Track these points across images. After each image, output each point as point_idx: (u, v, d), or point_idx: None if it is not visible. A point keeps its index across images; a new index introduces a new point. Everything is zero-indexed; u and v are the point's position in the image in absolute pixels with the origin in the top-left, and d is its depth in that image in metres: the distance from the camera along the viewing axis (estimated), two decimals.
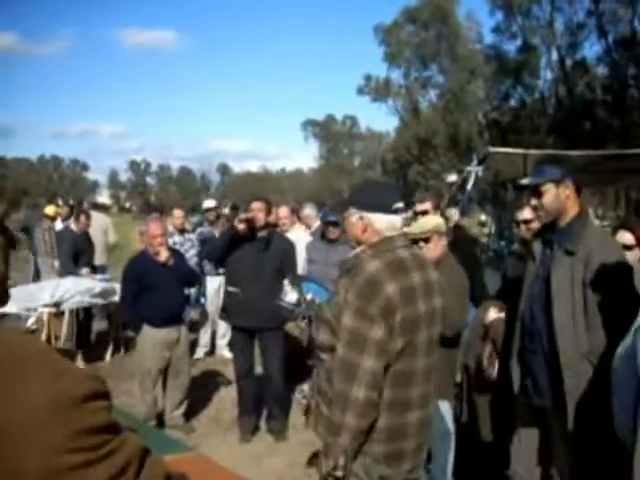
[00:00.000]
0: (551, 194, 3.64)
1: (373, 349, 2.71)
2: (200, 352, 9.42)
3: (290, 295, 6.28)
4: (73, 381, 1.04)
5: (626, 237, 4.55)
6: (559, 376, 3.52)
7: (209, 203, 10.28)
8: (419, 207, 5.81)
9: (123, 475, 1.06)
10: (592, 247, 3.50)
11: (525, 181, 3.78)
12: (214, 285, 9.10)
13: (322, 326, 2.95)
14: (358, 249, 2.99)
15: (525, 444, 3.96)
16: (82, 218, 9.87)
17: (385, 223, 2.98)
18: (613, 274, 3.40)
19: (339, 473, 2.76)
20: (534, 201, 3.70)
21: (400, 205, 3.06)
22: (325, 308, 2.97)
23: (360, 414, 2.73)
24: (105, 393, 1.09)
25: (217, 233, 9.40)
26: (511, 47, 36.67)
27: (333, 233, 6.82)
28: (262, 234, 6.30)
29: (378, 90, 46.90)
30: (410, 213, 6.57)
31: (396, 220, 3.02)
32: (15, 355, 1.05)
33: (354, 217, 3.02)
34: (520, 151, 10.81)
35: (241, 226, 6.11)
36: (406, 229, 3.42)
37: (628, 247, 4.42)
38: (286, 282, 6.27)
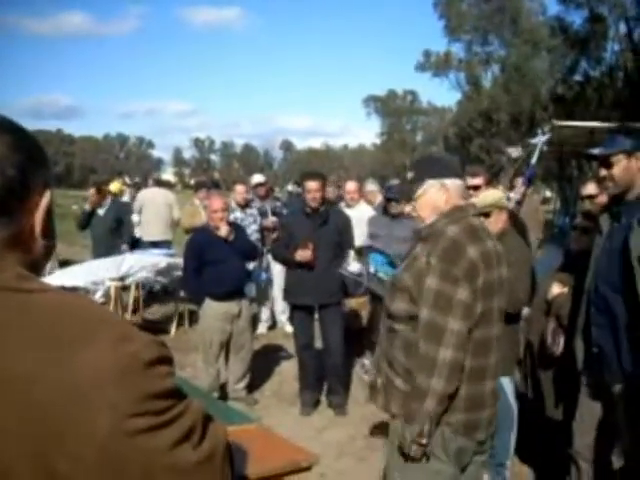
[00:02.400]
0: (622, 165, 3.54)
1: (459, 310, 2.72)
2: (262, 327, 9.52)
3: (353, 265, 6.31)
4: (139, 345, 1.06)
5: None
6: (628, 350, 3.46)
7: (258, 178, 10.24)
8: (470, 182, 5.71)
9: (188, 440, 1.08)
10: None
11: (595, 151, 3.67)
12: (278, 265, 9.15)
13: (398, 295, 2.93)
14: (432, 219, 2.95)
15: (588, 422, 3.90)
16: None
17: (458, 192, 2.99)
18: None
19: (424, 440, 2.75)
20: (603, 172, 3.60)
21: (468, 176, 3.05)
22: (404, 275, 2.93)
23: (448, 377, 2.72)
24: (169, 359, 1.11)
25: (268, 208, 9.47)
26: (577, 18, 35.72)
27: (395, 208, 6.79)
28: (320, 210, 6.34)
29: (438, 65, 46.29)
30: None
31: (466, 189, 3.01)
32: (83, 317, 1.07)
33: (434, 188, 2.98)
34: (587, 124, 10.56)
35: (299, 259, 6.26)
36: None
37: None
38: (352, 252, 6.31)
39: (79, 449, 1.00)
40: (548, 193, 17.13)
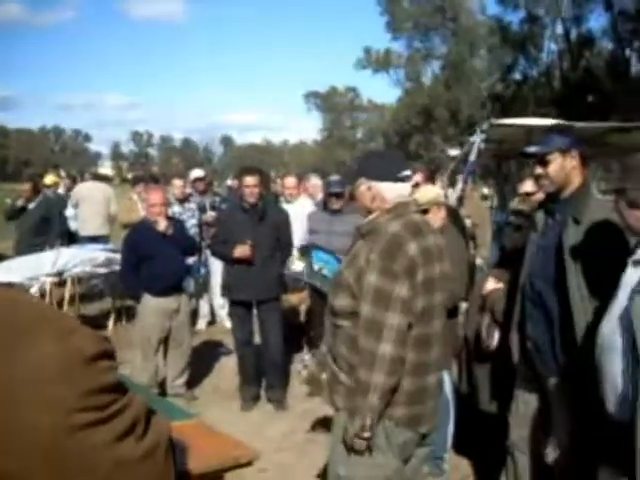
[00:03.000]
0: (557, 163, 3.61)
1: (398, 306, 2.75)
2: (201, 323, 9.48)
3: (297, 265, 6.33)
4: (83, 340, 1.05)
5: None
6: (562, 343, 3.54)
7: (197, 173, 10.14)
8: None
9: (131, 434, 1.07)
10: (596, 216, 3.49)
11: (532, 149, 3.73)
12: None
13: (340, 291, 2.96)
14: (373, 215, 3.02)
15: (523, 414, 3.98)
16: None
17: (392, 192, 3.01)
18: (616, 243, 3.40)
19: (367, 434, 2.77)
20: (539, 170, 3.67)
21: (408, 173, 3.07)
22: (346, 272, 2.96)
23: (388, 371, 2.75)
24: (112, 353, 1.10)
25: (207, 203, 9.42)
26: (515, 18, 36.36)
27: (336, 204, 6.81)
28: (257, 206, 6.34)
29: (379, 61, 46.55)
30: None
31: (404, 188, 3.05)
32: (25, 314, 1.05)
33: (363, 187, 3.06)
34: (524, 122, 10.71)
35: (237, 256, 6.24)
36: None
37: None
38: (295, 251, 6.32)
39: (25, 446, 0.98)
40: (486, 190, 17.39)
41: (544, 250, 3.71)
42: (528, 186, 4.92)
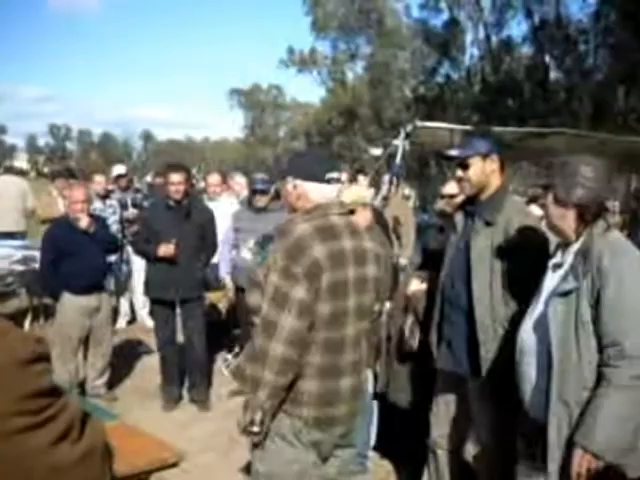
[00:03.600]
0: (477, 167, 3.71)
1: (294, 307, 2.75)
2: (122, 321, 9.33)
3: (245, 252, 6.29)
4: (17, 342, 1.01)
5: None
6: (476, 344, 3.64)
7: (119, 169, 10.01)
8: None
9: (67, 438, 1.05)
10: (511, 219, 3.61)
11: (453, 152, 3.83)
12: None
13: (254, 289, 2.99)
14: (293, 215, 3.03)
15: (443, 412, 4.08)
16: None
17: (317, 192, 3.02)
18: (530, 245, 3.51)
19: (255, 428, 2.80)
20: (460, 173, 3.75)
21: (334, 175, 3.07)
22: (258, 271, 2.98)
23: (278, 371, 2.76)
24: (46, 355, 1.07)
25: (129, 200, 9.29)
26: (438, 22, 36.96)
27: (260, 201, 6.80)
28: (183, 203, 6.28)
29: (304, 61, 46.60)
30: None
31: (329, 189, 3.05)
32: None
33: (289, 185, 3.08)
34: (447, 125, 10.92)
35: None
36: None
37: None
38: (251, 243, 6.26)
39: None
40: (407, 191, 17.58)
41: (461, 251, 3.79)
42: (451, 188, 4.99)
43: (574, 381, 2.76)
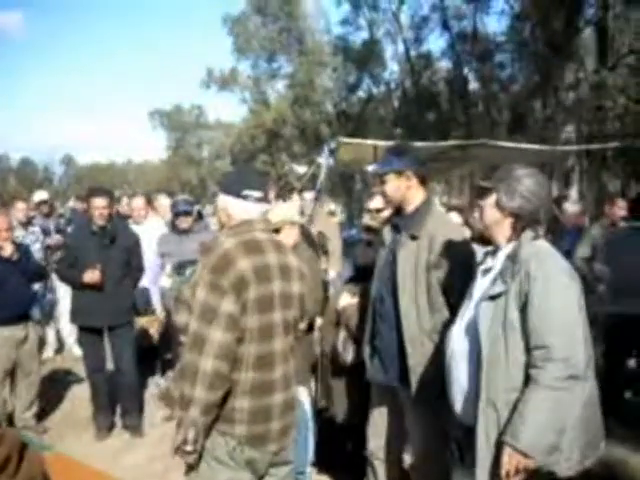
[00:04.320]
0: (392, 184, 3.84)
1: (222, 321, 2.75)
2: (49, 351, 9.11)
3: (164, 280, 6.22)
4: None
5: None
6: (405, 354, 3.71)
7: (41, 195, 9.84)
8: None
9: (4, 470, 1.03)
10: (435, 231, 3.71)
11: (370, 169, 3.93)
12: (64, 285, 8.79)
13: (180, 308, 2.97)
14: (219, 232, 3.06)
15: (379, 423, 4.15)
16: None
17: (237, 208, 3.06)
18: (455, 255, 3.61)
19: (189, 447, 2.76)
20: (380, 188, 3.86)
21: (252, 193, 3.06)
22: (184, 289, 2.97)
23: (209, 386, 2.74)
24: None
25: (52, 226, 9.14)
26: (357, 39, 37.42)
27: (185, 222, 6.77)
28: (107, 228, 6.21)
29: (225, 81, 46.47)
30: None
31: (249, 207, 3.05)
32: None
33: (221, 202, 3.12)
34: (370, 142, 11.06)
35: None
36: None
37: None
38: (168, 268, 6.20)
39: None
40: (333, 206, 17.74)
41: (389, 265, 3.87)
42: (377, 202, 5.06)
43: (502, 382, 2.84)
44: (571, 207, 8.08)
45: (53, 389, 7.38)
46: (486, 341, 2.88)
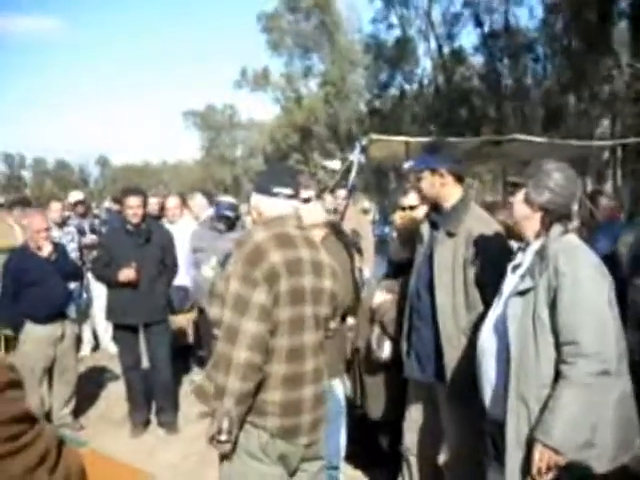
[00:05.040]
0: (427, 181, 3.83)
1: (255, 312, 2.78)
2: (85, 349, 9.23)
3: (205, 270, 6.26)
4: None
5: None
6: (441, 352, 3.70)
7: (77, 196, 9.96)
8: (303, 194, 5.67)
9: (43, 464, 1.05)
10: (472, 228, 3.68)
11: (405, 166, 3.91)
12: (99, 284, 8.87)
13: (214, 301, 2.99)
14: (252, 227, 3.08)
15: (416, 420, 4.13)
16: None
17: (267, 205, 3.09)
18: (491, 252, 3.58)
19: (223, 437, 2.79)
20: (417, 185, 3.85)
21: (283, 190, 3.07)
22: (218, 282, 2.99)
23: (242, 376, 2.76)
24: (20, 382, 1.07)
25: (87, 226, 9.24)
26: (390, 36, 37.40)
27: (223, 226, 6.79)
28: (141, 227, 6.27)
29: (257, 81, 46.67)
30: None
31: (279, 204, 3.07)
32: None
33: (254, 200, 3.14)
34: (402, 138, 11.02)
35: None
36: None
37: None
38: (213, 260, 6.22)
39: None
40: (367, 204, 17.69)
41: (426, 262, 3.86)
42: (411, 199, 5.05)
43: (532, 379, 2.82)
44: (606, 201, 7.96)
45: (89, 387, 7.44)
46: (515, 337, 2.87)
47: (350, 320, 5.02)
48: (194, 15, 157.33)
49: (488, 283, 3.49)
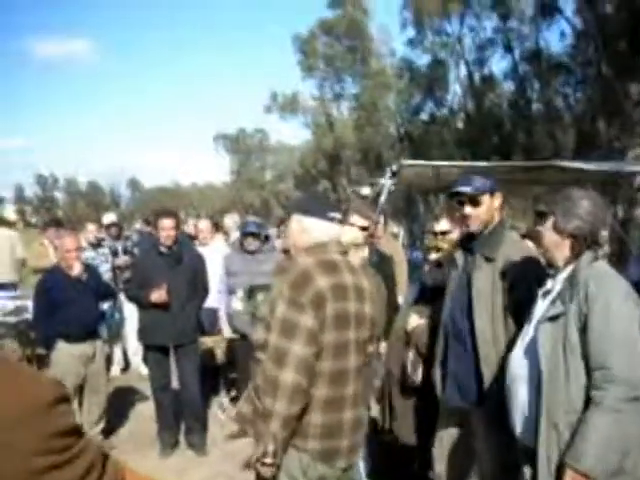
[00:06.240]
0: (487, 204, 3.80)
1: (303, 336, 2.81)
2: (115, 369, 9.30)
3: (236, 304, 6.30)
4: (42, 386, 1.05)
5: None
6: (481, 377, 3.67)
7: (111, 218, 10.09)
8: (361, 223, 5.05)
9: (88, 476, 1.08)
10: (510, 253, 3.68)
11: (466, 189, 3.83)
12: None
13: (258, 325, 3.04)
14: (294, 253, 3.13)
15: (447, 447, 4.10)
16: None
17: (318, 228, 3.11)
18: (530, 279, 3.56)
19: (269, 460, 2.80)
20: (468, 209, 3.80)
21: (337, 215, 3.15)
22: (261, 307, 3.04)
23: (289, 400, 2.79)
24: (68, 397, 1.10)
25: (119, 247, 9.35)
26: (422, 62, 37.56)
27: (252, 245, 6.84)
28: (173, 249, 6.33)
29: (285, 106, 46.90)
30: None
31: (329, 227, 3.12)
32: None
33: (294, 222, 3.17)
34: (432, 163, 11.05)
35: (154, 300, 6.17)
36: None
37: None
38: (240, 292, 6.28)
39: None
40: (395, 229, 17.66)
41: (463, 287, 3.85)
42: (443, 225, 5.08)
43: (563, 404, 2.82)
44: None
45: (119, 407, 7.48)
46: (546, 363, 2.87)
47: (382, 344, 5.03)
48: (226, 37, 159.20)
49: (525, 309, 3.47)
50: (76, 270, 6.12)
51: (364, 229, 4.88)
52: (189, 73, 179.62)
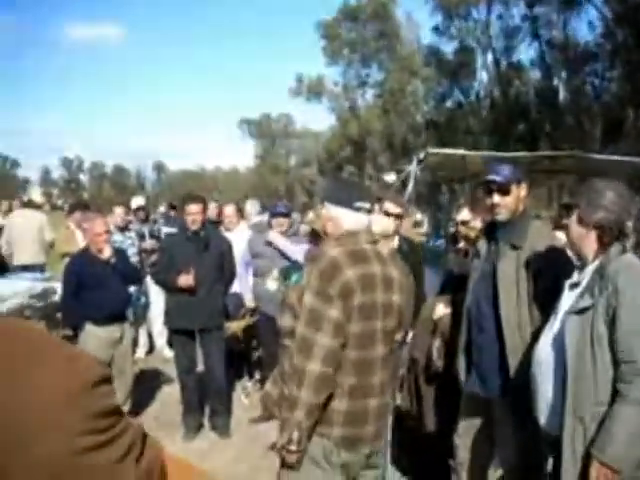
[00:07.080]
0: (515, 193, 3.80)
1: (330, 327, 2.84)
2: (140, 351, 9.37)
3: (270, 284, 6.34)
4: (85, 365, 1.08)
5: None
6: (506, 366, 3.68)
7: (139, 201, 10.17)
8: (393, 210, 5.23)
9: (129, 454, 1.11)
10: (535, 241, 3.68)
11: (497, 178, 3.83)
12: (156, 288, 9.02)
13: (286, 311, 3.07)
14: (323, 243, 3.16)
15: (468, 434, 4.12)
16: None
17: (347, 218, 3.12)
18: (556, 267, 3.56)
19: (293, 447, 2.86)
20: (497, 198, 3.80)
21: (364, 205, 3.15)
22: (290, 293, 3.07)
23: (315, 389, 2.83)
24: (110, 378, 1.14)
25: (146, 231, 9.41)
26: (449, 48, 37.31)
27: (281, 225, 6.83)
28: (201, 234, 6.37)
29: (311, 89, 46.77)
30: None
31: (358, 217, 3.14)
32: (26, 340, 1.08)
33: (324, 210, 3.20)
34: (459, 152, 10.96)
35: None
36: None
37: None
38: (275, 272, 6.31)
39: (30, 470, 1.01)
40: (419, 216, 17.66)
41: (487, 276, 3.85)
42: (464, 214, 5.09)
43: (589, 396, 2.83)
44: None
45: (143, 389, 7.53)
46: (573, 355, 2.88)
47: (409, 333, 5.06)
48: (251, 24, 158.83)
49: (551, 298, 3.47)
50: (106, 253, 6.18)
51: (398, 217, 4.90)
52: (216, 60, 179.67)
